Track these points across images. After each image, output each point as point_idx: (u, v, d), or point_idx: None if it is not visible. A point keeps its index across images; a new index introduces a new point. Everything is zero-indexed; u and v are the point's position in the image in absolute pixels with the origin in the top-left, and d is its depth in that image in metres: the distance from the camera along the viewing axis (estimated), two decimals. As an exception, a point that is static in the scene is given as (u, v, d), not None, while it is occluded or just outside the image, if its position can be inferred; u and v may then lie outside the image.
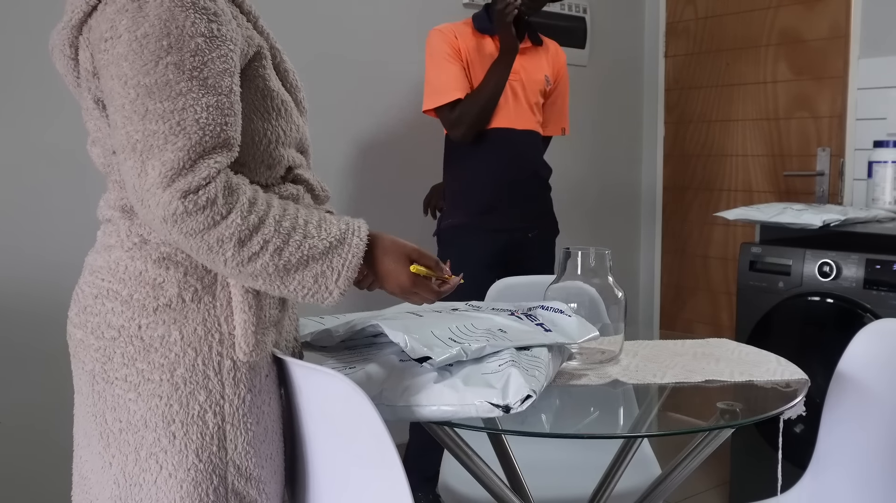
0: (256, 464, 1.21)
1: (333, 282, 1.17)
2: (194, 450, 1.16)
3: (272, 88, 1.23)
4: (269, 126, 1.22)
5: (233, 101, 1.11)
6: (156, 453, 1.16)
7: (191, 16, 1.08)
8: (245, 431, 1.19)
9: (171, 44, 1.06)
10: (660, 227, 3.98)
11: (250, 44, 1.19)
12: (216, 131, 1.08)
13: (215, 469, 1.17)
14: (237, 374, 1.18)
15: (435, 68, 2.48)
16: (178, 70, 1.06)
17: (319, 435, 1.24)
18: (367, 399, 1.09)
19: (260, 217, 1.11)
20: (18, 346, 2.29)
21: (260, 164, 1.22)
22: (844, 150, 3.19)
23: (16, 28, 2.25)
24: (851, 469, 1.59)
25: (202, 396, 1.16)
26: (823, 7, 3.26)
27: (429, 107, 2.49)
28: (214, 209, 1.07)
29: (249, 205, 1.10)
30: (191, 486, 1.16)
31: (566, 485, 1.83)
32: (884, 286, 2.33)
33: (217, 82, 1.09)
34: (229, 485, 1.18)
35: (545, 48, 2.67)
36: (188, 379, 1.16)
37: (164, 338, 1.16)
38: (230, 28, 1.13)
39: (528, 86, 2.56)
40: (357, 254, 1.18)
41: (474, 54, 2.49)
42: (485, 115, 2.46)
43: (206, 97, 1.07)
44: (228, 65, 1.11)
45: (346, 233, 1.19)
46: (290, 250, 1.13)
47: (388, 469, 1.09)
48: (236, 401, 1.18)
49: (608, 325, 1.51)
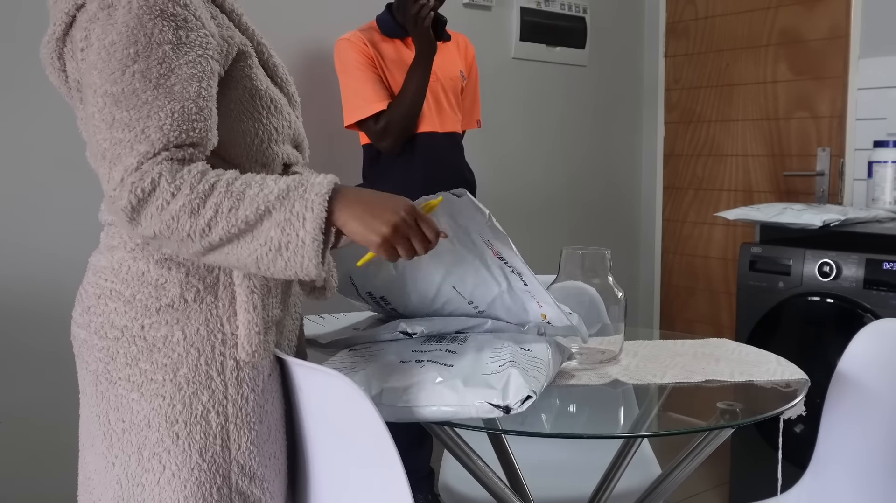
0: (260, 463, 1.21)
1: (302, 226, 1.05)
2: (198, 450, 1.16)
3: (259, 87, 1.22)
4: (261, 125, 1.22)
5: (201, 106, 1.10)
6: (159, 453, 1.16)
7: (158, 23, 1.08)
8: (248, 431, 1.19)
9: (139, 52, 1.07)
10: (660, 227, 3.98)
11: (231, 43, 1.18)
12: (180, 137, 1.07)
13: (219, 468, 1.17)
14: (240, 374, 1.18)
15: (351, 80, 2.40)
16: (144, 78, 1.06)
17: (320, 435, 1.24)
18: (367, 399, 1.09)
19: (211, 184, 1.07)
20: (23, 346, 2.28)
21: (255, 164, 1.22)
22: (844, 150, 3.19)
23: (16, 28, 2.25)
24: (851, 469, 1.59)
25: (205, 396, 1.16)
26: (823, 7, 3.26)
27: (351, 121, 2.41)
28: (161, 188, 1.05)
29: (200, 175, 1.07)
30: (194, 486, 1.16)
31: (566, 485, 1.83)
32: (884, 286, 2.33)
33: (184, 89, 1.08)
34: (233, 485, 1.18)
35: (454, 42, 2.61)
36: (191, 379, 1.16)
37: (167, 339, 1.16)
38: (201, 34, 1.12)
39: (445, 84, 2.51)
40: (320, 192, 1.07)
41: (387, 60, 2.43)
42: (411, 122, 2.40)
43: (172, 104, 1.07)
44: (196, 70, 1.10)
45: (305, 179, 1.09)
46: (245, 206, 1.06)
47: (388, 469, 1.09)
48: (239, 400, 1.18)
49: (608, 325, 1.51)
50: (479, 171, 2.69)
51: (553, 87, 3.58)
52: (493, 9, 3.33)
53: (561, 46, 3.55)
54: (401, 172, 2.45)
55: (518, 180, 3.49)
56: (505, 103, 3.40)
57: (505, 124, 3.40)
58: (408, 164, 2.45)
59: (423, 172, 2.45)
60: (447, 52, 2.55)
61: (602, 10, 3.71)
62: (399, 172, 2.46)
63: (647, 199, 3.99)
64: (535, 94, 3.52)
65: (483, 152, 3.16)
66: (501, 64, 3.38)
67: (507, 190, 3.43)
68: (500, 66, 3.37)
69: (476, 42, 2.77)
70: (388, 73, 2.43)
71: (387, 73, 2.43)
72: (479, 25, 3.27)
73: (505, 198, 3.40)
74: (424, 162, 2.45)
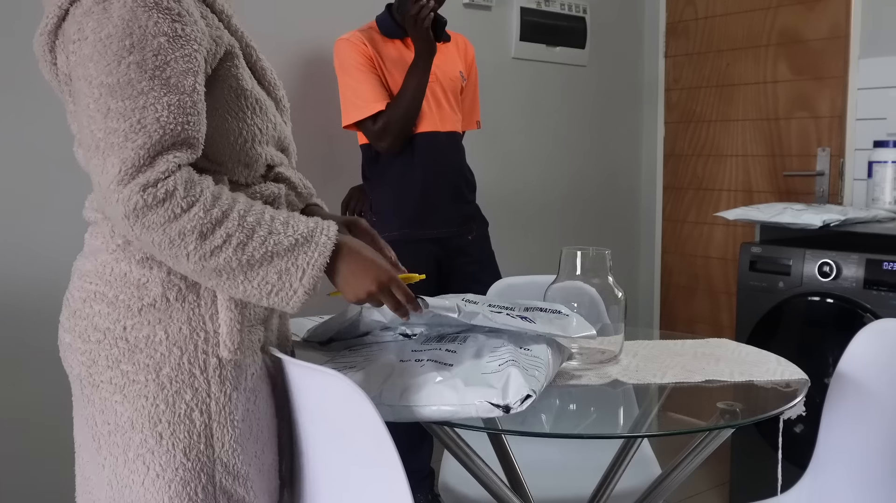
0: (244, 461, 1.21)
1: (298, 279, 1.13)
2: (182, 450, 1.16)
3: (245, 87, 1.22)
4: (245, 125, 1.21)
5: (195, 101, 1.11)
6: (143, 454, 1.16)
7: (153, 16, 1.08)
8: (231, 429, 1.19)
9: (134, 43, 1.07)
10: (660, 227, 3.98)
11: (219, 43, 1.18)
12: (176, 130, 1.08)
13: (203, 467, 1.17)
14: (223, 372, 1.18)
15: (350, 80, 2.40)
16: (139, 69, 1.07)
17: (319, 435, 1.24)
18: (367, 399, 1.09)
19: (223, 211, 1.10)
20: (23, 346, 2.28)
21: (237, 163, 1.22)
22: (844, 150, 3.19)
23: (14, 27, 2.25)
24: (851, 469, 1.59)
25: (188, 395, 1.16)
26: (823, 7, 3.26)
27: (350, 121, 2.40)
28: (174, 201, 1.06)
29: (213, 199, 1.09)
30: (179, 486, 1.16)
31: (566, 485, 1.83)
32: (884, 286, 2.33)
33: (179, 81, 1.09)
34: (217, 483, 1.18)
35: (454, 43, 2.61)
36: (174, 378, 1.16)
37: (150, 339, 1.16)
38: (195, 28, 1.13)
39: (445, 85, 2.50)
40: (324, 253, 1.15)
41: (386, 60, 2.42)
42: (410, 123, 2.40)
43: (168, 96, 1.08)
44: (192, 65, 1.11)
45: (315, 231, 1.16)
46: (254, 245, 1.11)
47: (388, 469, 1.09)
48: (222, 398, 1.18)
49: (608, 325, 1.51)
50: (479, 172, 2.68)
51: (553, 87, 3.58)
52: (493, 9, 3.33)
53: (561, 46, 3.55)
54: (400, 172, 2.45)
55: (518, 180, 3.49)
56: (505, 103, 3.40)
57: (505, 124, 3.40)
58: (407, 164, 2.44)
59: (422, 172, 2.45)
60: (447, 53, 2.55)
61: (602, 10, 3.71)
62: (398, 172, 2.45)
63: (647, 199, 3.99)
64: (535, 94, 3.52)
65: (483, 152, 3.16)
66: (501, 64, 3.38)
67: (507, 190, 3.43)
68: (500, 66, 3.37)
69: (476, 42, 2.77)
70: (388, 73, 2.42)
71: (386, 73, 2.42)
72: (479, 25, 3.27)
73: (505, 198, 3.40)
74: (424, 162, 2.45)
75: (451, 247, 2.52)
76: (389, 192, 2.48)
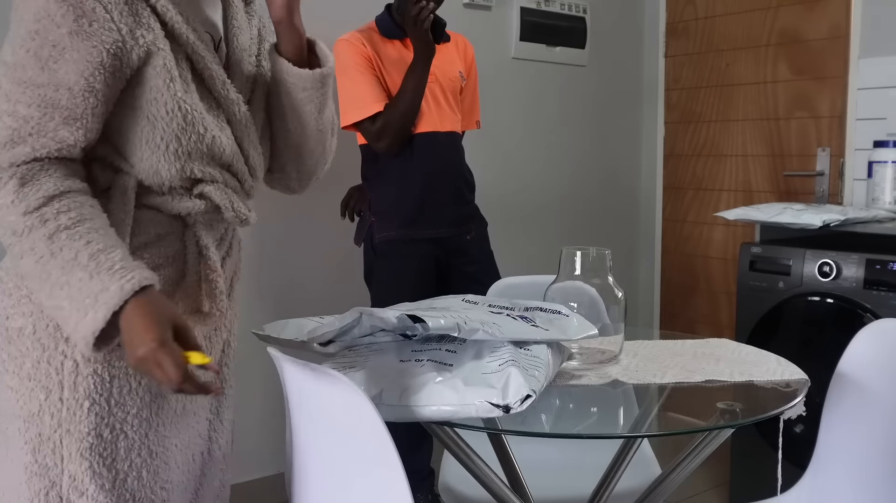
0: (93, 480, 1.15)
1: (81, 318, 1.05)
2: (31, 450, 1.15)
3: (166, 92, 1.17)
4: (157, 130, 1.18)
5: (78, 99, 1.11)
6: (5, 444, 1.17)
7: (62, 8, 1.10)
8: (80, 440, 1.15)
9: (38, 30, 1.10)
10: (659, 227, 3.98)
11: (139, 43, 1.15)
12: (44, 123, 1.10)
13: (48, 472, 1.15)
14: (77, 378, 1.15)
15: (349, 81, 2.39)
16: (35, 57, 1.09)
17: (319, 435, 1.24)
18: (367, 399, 1.09)
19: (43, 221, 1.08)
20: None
21: (148, 168, 1.19)
22: (844, 150, 3.19)
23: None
24: (851, 469, 1.59)
25: (42, 395, 1.15)
26: (823, 7, 3.26)
27: (349, 122, 2.39)
28: (6, 191, 1.07)
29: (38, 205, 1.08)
30: (25, 486, 1.14)
31: (566, 485, 1.83)
32: (884, 286, 2.33)
33: (67, 76, 1.10)
34: (65, 496, 1.15)
35: (454, 43, 2.61)
36: (32, 375, 1.15)
37: (21, 331, 1.16)
38: (106, 27, 1.12)
39: (445, 85, 2.50)
40: (108, 303, 1.04)
41: (386, 61, 2.42)
42: (408, 124, 2.39)
43: (44, 89, 1.09)
44: (90, 60, 1.11)
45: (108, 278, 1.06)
46: (55, 264, 1.06)
47: (388, 469, 1.09)
48: (74, 405, 1.15)
49: (608, 325, 1.51)
50: (478, 172, 2.68)
51: (553, 87, 3.58)
52: (493, 9, 3.33)
53: (561, 46, 3.55)
54: (399, 173, 2.45)
55: (518, 180, 3.49)
56: (505, 103, 3.40)
57: (505, 124, 3.40)
58: (406, 165, 2.44)
59: (421, 172, 2.44)
60: (446, 53, 2.55)
61: (602, 10, 3.71)
62: (398, 173, 2.45)
63: (647, 199, 3.99)
64: (535, 94, 3.52)
65: (483, 152, 3.16)
66: (501, 64, 3.38)
67: (507, 190, 3.43)
68: (500, 66, 3.37)
69: (476, 42, 2.77)
70: (387, 74, 2.42)
71: (385, 74, 2.42)
72: (479, 25, 3.27)
73: (505, 198, 3.40)
74: (423, 162, 2.45)
75: (451, 247, 2.52)
76: (389, 192, 2.48)
